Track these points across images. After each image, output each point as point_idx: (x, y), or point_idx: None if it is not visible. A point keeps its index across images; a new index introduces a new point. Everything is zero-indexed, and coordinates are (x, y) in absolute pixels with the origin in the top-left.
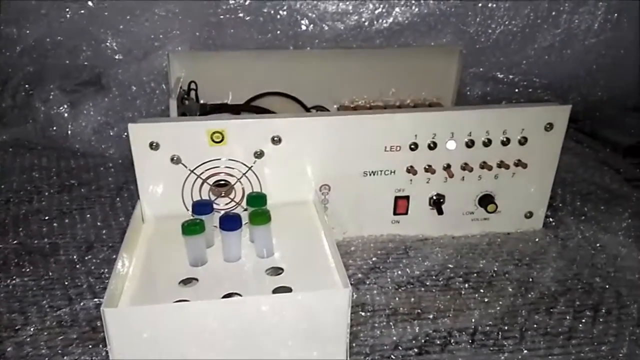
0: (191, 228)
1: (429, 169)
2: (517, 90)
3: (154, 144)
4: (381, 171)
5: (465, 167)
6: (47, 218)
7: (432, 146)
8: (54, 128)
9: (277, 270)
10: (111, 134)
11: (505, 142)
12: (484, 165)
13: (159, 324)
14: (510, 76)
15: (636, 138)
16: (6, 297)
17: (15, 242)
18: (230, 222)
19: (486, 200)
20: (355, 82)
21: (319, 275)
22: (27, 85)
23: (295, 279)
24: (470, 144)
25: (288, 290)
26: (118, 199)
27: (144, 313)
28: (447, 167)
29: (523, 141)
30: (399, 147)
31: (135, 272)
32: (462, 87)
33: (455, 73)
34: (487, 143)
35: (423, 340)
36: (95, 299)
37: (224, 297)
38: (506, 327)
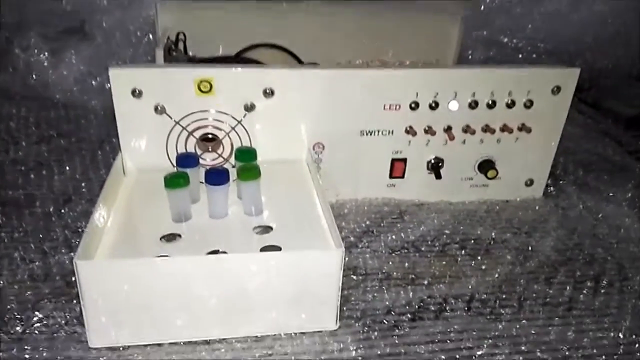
0: (174, 181)
1: (428, 130)
2: (520, 55)
3: (137, 91)
4: (379, 131)
5: (467, 129)
6: (23, 169)
7: (434, 106)
8: (34, 77)
9: (265, 229)
10: (94, 84)
11: (510, 105)
12: (486, 129)
13: (136, 280)
14: (515, 40)
15: (639, 109)
16: None
17: None
18: (216, 177)
19: (486, 166)
20: (353, 41)
21: (310, 235)
22: (6, 32)
23: (285, 238)
24: (473, 105)
25: (277, 249)
26: (99, 151)
27: (121, 267)
28: (448, 129)
29: (529, 104)
30: (398, 106)
31: (113, 226)
32: (464, 51)
33: (457, 36)
34: (492, 105)
35: (417, 306)
36: (71, 253)
37: (208, 254)
38: (504, 296)
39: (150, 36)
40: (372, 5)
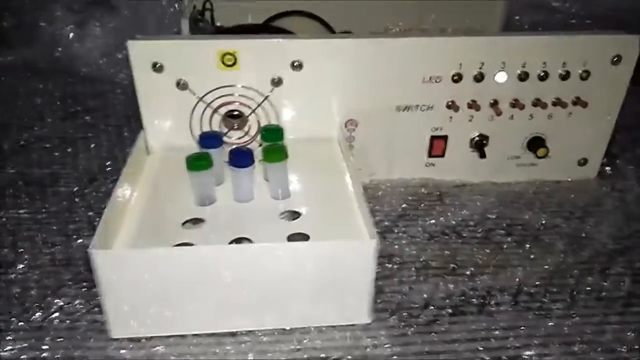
0: (197, 163)
1: (472, 105)
2: (573, 20)
3: (158, 65)
4: (417, 106)
5: (515, 103)
6: (48, 146)
7: (479, 78)
8: (60, 49)
9: (293, 214)
10: (119, 57)
11: (565, 76)
12: (537, 103)
13: (156, 270)
14: (566, 4)
15: None
16: None
17: (13, 170)
18: (241, 158)
19: (536, 144)
20: (389, 7)
21: (341, 223)
22: (31, 4)
23: (314, 226)
24: (523, 77)
25: (306, 238)
26: (126, 128)
27: (140, 257)
28: (495, 104)
29: (585, 76)
30: (439, 78)
31: (135, 209)
32: (511, 16)
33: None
34: (543, 77)
35: (458, 299)
36: (94, 236)
37: (233, 242)
38: (555, 289)
39: (176, 6)
40: None
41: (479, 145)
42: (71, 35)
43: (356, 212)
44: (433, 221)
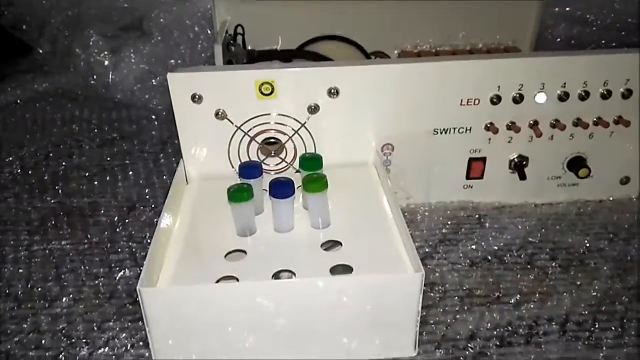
0: (238, 194)
1: (512, 127)
2: (608, 34)
3: (197, 97)
4: (454, 128)
5: (555, 124)
6: (87, 175)
7: (518, 99)
8: (95, 77)
9: (334, 244)
10: (154, 83)
11: (606, 95)
12: (577, 123)
13: (202, 305)
14: (601, 17)
15: None
16: (42, 262)
17: (54, 201)
18: (281, 189)
19: (577, 164)
20: (419, 23)
21: (383, 253)
22: (66, 31)
23: (356, 256)
24: (563, 97)
25: (348, 269)
26: (162, 154)
27: (186, 293)
28: (534, 124)
29: (627, 94)
30: (477, 101)
31: (177, 241)
32: (543, 30)
33: (535, 12)
34: (584, 96)
35: (504, 330)
36: (136, 268)
37: (275, 274)
38: (604, 317)
39: (208, 31)
40: None
41: (519, 166)
42: (106, 62)
43: (398, 241)
44: (474, 246)
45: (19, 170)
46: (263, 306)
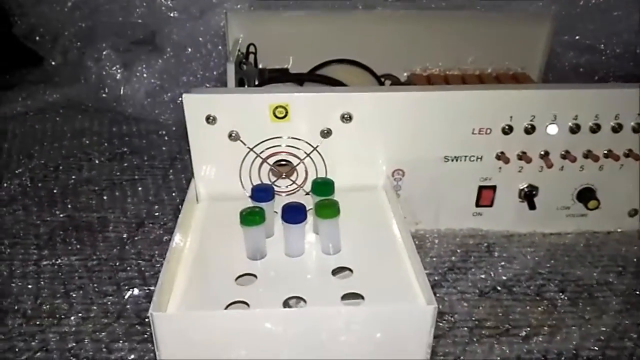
0: (250, 218)
1: (522, 157)
2: (617, 63)
3: (211, 118)
4: (466, 157)
5: (566, 155)
6: (96, 189)
7: (530, 130)
8: (106, 90)
9: (345, 271)
10: (165, 98)
11: (617, 129)
12: (588, 155)
13: (212, 331)
14: (610, 47)
15: None
16: (51, 279)
17: (63, 215)
18: (294, 214)
19: (587, 195)
20: (430, 47)
21: (395, 282)
22: (78, 43)
23: (367, 285)
24: (575, 129)
25: (359, 297)
26: (171, 170)
27: (197, 319)
28: (545, 155)
29: (637, 128)
30: (489, 130)
31: (187, 262)
32: (552, 57)
33: (545, 40)
34: (595, 129)
35: None
36: (145, 287)
37: (286, 301)
38: (614, 353)
39: (220, 47)
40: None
41: (529, 196)
42: (118, 75)
43: (409, 270)
44: (483, 275)
45: (29, 183)
46: (273, 334)
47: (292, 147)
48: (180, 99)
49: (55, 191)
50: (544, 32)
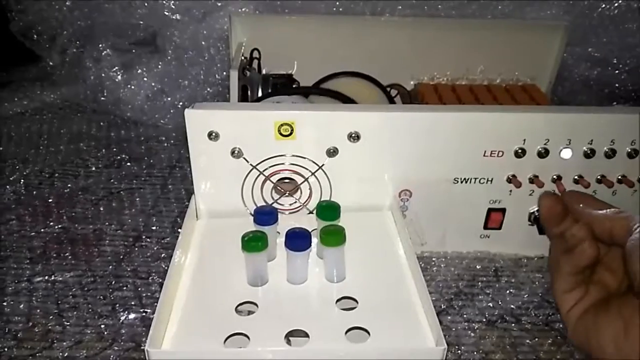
0: (253, 244)
1: (534, 180)
2: (629, 78)
3: (214, 134)
4: (476, 179)
5: (579, 180)
6: (93, 199)
7: (543, 154)
8: (105, 92)
9: (349, 302)
10: (165, 102)
11: (632, 154)
12: (601, 180)
13: None
14: (623, 61)
15: None
16: (44, 297)
17: (58, 226)
18: (298, 241)
19: None
20: (438, 55)
21: (401, 317)
22: (77, 42)
23: (372, 318)
24: (590, 154)
25: (364, 331)
26: (170, 179)
27: (195, 355)
28: (558, 179)
29: None
30: (501, 153)
31: (186, 287)
32: (563, 69)
33: (556, 51)
34: (610, 154)
35: None
36: (140, 309)
37: (288, 335)
38: None
39: (223, 51)
40: (463, 22)
41: (538, 220)
42: (118, 77)
43: (417, 303)
44: (490, 303)
45: (23, 190)
46: None
47: (296, 165)
48: (180, 103)
49: (50, 200)
50: (556, 43)
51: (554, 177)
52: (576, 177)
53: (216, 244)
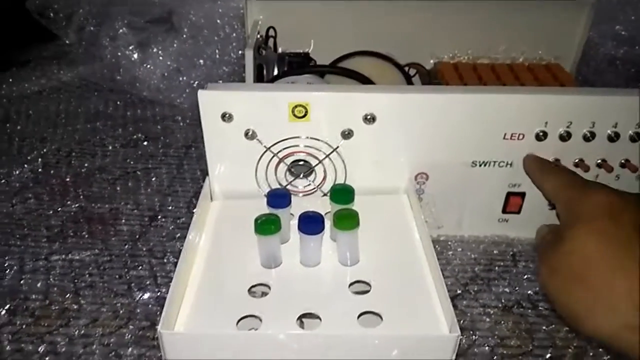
0: (266, 227)
1: (556, 164)
2: None
3: (227, 115)
4: (495, 162)
5: (602, 164)
6: (110, 178)
7: (565, 137)
8: (121, 71)
9: (362, 285)
10: (181, 81)
11: None
12: (625, 164)
13: (223, 349)
14: None
15: None
16: (61, 275)
17: (75, 205)
18: (311, 225)
19: None
20: (458, 33)
21: (415, 303)
22: (93, 20)
23: (385, 302)
24: (614, 138)
25: (377, 316)
26: (185, 160)
27: (207, 338)
28: (580, 162)
29: None
30: (522, 136)
31: (199, 269)
32: (588, 47)
33: (582, 28)
34: (635, 138)
35: None
36: (155, 288)
37: (300, 317)
38: None
39: (238, 30)
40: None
41: None
42: (134, 56)
43: (431, 288)
44: (507, 289)
45: (41, 169)
46: (285, 355)
47: (310, 147)
48: (196, 83)
49: (67, 179)
50: (581, 20)
51: (576, 160)
52: (599, 161)
53: (230, 226)
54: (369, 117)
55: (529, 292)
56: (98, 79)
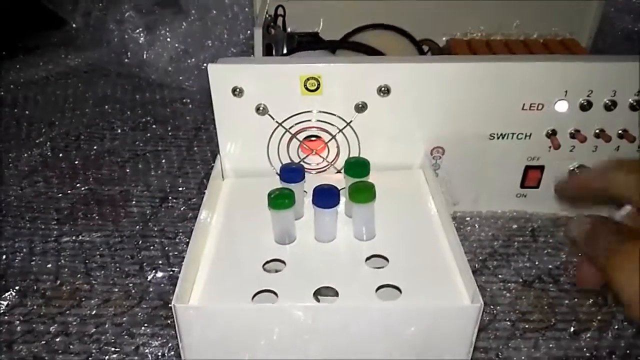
0: (279, 202)
1: (576, 135)
2: None
3: (238, 90)
4: (513, 134)
5: (623, 134)
6: (119, 160)
7: (586, 106)
8: (128, 54)
9: (380, 260)
10: (189, 64)
11: None
12: None
13: (238, 323)
14: None
15: None
16: (72, 256)
17: (84, 188)
18: (326, 198)
19: None
20: (471, 9)
21: (434, 275)
22: (100, 4)
23: (404, 275)
24: (636, 106)
25: (395, 289)
26: (195, 142)
27: (222, 311)
28: (601, 132)
29: None
30: (540, 106)
31: (212, 245)
32: (604, 22)
33: (597, 3)
34: None
35: None
36: (167, 267)
37: (317, 292)
38: None
39: (247, 9)
40: None
41: None
42: (141, 39)
43: (450, 260)
44: (527, 264)
45: (49, 153)
46: (302, 329)
47: (323, 122)
48: (204, 64)
49: (76, 162)
50: None
51: (597, 131)
52: (620, 132)
53: (243, 203)
54: (383, 89)
55: (550, 266)
56: (105, 63)
